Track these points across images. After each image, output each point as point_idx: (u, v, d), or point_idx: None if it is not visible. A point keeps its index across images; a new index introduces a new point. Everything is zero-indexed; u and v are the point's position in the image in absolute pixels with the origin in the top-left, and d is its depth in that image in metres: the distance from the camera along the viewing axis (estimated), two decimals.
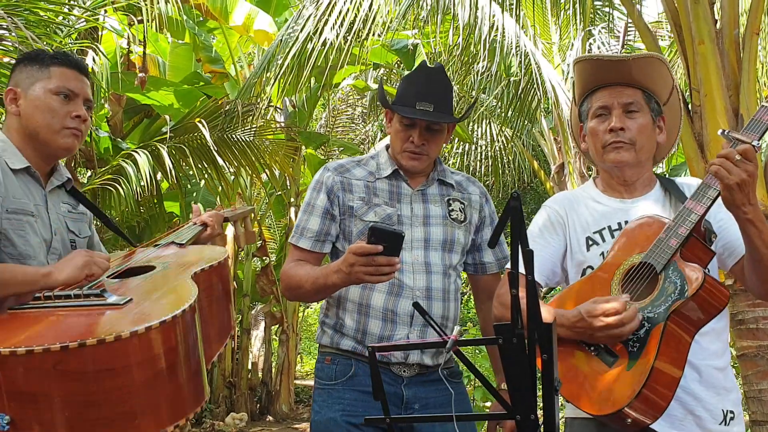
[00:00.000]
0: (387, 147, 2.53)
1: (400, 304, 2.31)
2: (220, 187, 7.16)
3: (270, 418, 9.21)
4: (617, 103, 2.14)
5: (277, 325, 9.68)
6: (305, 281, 2.31)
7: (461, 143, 10.41)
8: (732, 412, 2.05)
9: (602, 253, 2.12)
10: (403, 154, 2.41)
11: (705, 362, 2.03)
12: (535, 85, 6.89)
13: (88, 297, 1.80)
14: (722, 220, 2.08)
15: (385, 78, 9.89)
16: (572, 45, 7.94)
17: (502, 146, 10.43)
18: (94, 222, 2.40)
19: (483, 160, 10.66)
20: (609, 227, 2.16)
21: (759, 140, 1.91)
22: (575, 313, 1.96)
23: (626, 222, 2.13)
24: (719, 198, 1.93)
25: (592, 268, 2.12)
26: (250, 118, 7.01)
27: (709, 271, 2.05)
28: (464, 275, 2.62)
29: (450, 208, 2.46)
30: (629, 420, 1.87)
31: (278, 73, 6.36)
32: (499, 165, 10.61)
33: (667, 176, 2.60)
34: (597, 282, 2.06)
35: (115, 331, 1.58)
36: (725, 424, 2.03)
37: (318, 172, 2.50)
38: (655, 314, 1.92)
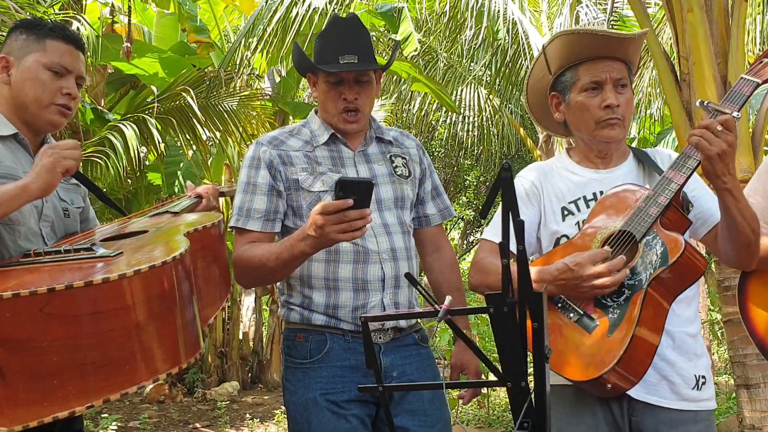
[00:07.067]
0: (316, 111, 2.41)
1: (369, 271, 2.24)
2: (209, 161, 7.09)
3: (261, 386, 9.28)
4: (609, 78, 2.10)
5: (268, 295, 9.69)
6: (267, 259, 2.16)
7: (449, 113, 10.37)
8: (704, 377, 2.09)
9: (578, 223, 2.13)
10: (339, 116, 2.29)
11: (678, 329, 2.07)
12: (522, 54, 6.87)
13: (78, 251, 1.80)
14: (696, 189, 2.10)
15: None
16: (561, 12, 7.90)
17: (489, 115, 10.40)
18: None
19: (471, 131, 10.62)
20: (584, 197, 2.17)
21: (738, 111, 1.93)
22: (559, 266, 1.96)
23: (601, 192, 2.14)
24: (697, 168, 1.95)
25: (568, 238, 2.13)
26: (234, 85, 6.93)
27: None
28: None
29: (394, 165, 2.39)
30: (609, 386, 1.91)
31: (262, 37, 6.26)
32: (485, 134, 10.58)
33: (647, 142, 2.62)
34: (574, 251, 2.07)
35: (103, 274, 1.56)
36: (697, 389, 2.07)
37: (250, 148, 2.35)
38: (636, 281, 1.95)
